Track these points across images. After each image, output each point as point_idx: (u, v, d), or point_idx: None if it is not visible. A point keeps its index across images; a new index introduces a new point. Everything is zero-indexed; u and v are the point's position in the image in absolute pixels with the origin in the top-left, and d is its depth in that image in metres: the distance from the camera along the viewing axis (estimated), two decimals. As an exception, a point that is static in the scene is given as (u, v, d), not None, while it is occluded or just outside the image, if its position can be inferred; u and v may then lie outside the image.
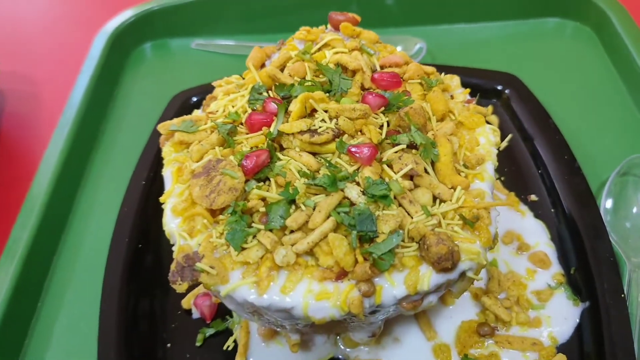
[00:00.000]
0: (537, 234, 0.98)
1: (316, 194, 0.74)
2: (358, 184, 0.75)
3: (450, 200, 0.75)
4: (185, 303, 0.93)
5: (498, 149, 0.84)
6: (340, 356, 0.87)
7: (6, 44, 1.58)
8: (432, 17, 1.43)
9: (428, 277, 0.70)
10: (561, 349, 0.85)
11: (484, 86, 1.17)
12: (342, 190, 0.74)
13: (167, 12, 1.41)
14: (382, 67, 0.89)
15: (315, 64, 0.86)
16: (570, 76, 1.28)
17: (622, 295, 0.85)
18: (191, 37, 1.45)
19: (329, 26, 0.94)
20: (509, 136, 1.14)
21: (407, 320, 0.88)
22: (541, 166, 1.06)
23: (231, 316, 0.92)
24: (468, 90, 0.91)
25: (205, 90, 1.03)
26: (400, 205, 0.74)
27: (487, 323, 0.87)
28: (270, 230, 0.72)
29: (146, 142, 1.11)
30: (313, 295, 0.69)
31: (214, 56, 1.43)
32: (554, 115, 1.13)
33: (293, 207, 0.74)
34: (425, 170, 0.78)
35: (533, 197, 1.03)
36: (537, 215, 1.01)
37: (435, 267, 0.70)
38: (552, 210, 1.01)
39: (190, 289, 0.94)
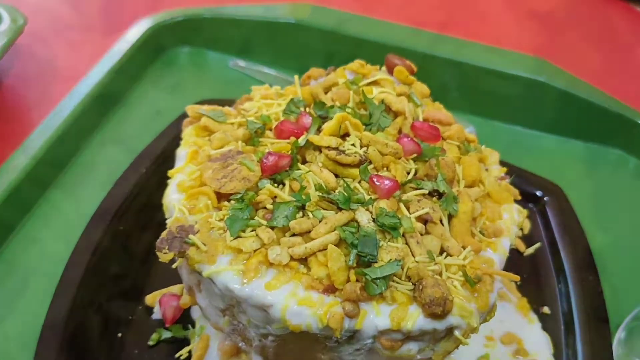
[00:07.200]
0: (540, 345, 1.12)
1: (327, 210, 0.92)
2: (371, 213, 0.92)
3: (457, 257, 0.92)
4: (150, 299, 1.07)
5: (523, 250, 1.01)
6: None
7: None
8: (490, 112, 1.66)
9: (415, 317, 0.85)
10: None
11: (522, 188, 1.35)
12: (354, 211, 0.91)
13: (214, 22, 1.66)
14: (425, 120, 1.09)
15: (361, 96, 1.07)
16: (620, 207, 1.45)
17: None
18: (231, 55, 1.69)
19: (384, 67, 1.16)
20: (537, 244, 1.32)
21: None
22: (562, 281, 1.22)
23: (193, 326, 1.06)
24: (505, 169, 1.10)
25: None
26: (406, 243, 0.90)
27: (462, 411, 1.00)
28: (272, 228, 0.89)
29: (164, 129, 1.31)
30: (296, 300, 0.84)
31: (248, 81, 1.64)
32: (591, 238, 1.30)
33: (301, 213, 0.91)
34: (441, 222, 0.95)
35: (546, 310, 1.18)
36: (545, 328, 1.15)
37: (425, 309, 0.85)
38: (562, 327, 1.16)
39: (161, 287, 1.09)
